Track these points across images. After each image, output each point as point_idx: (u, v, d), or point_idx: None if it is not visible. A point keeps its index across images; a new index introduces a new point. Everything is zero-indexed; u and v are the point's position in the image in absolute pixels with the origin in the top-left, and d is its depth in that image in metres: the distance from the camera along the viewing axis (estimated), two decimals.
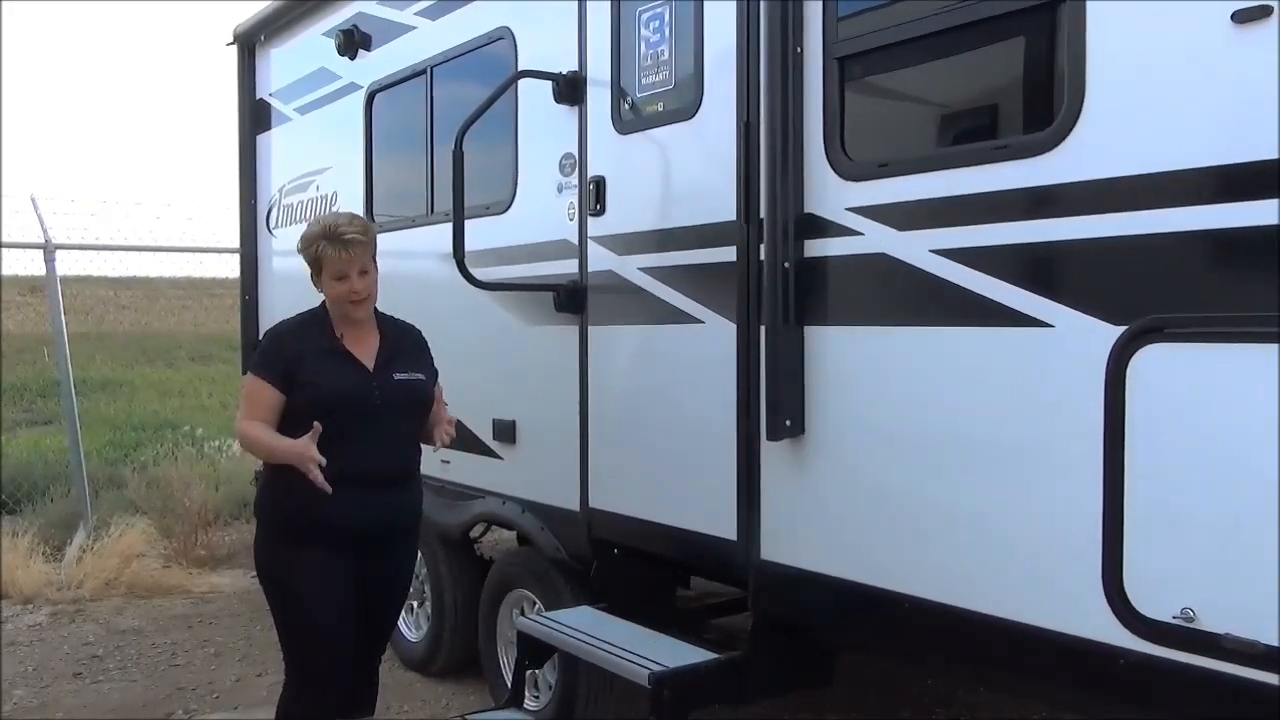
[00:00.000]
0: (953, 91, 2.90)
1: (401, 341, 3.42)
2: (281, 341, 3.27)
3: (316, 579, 3.21)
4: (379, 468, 3.25)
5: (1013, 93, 2.74)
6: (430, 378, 3.44)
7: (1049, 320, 2.50)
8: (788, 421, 3.08)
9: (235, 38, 6.76)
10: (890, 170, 2.86)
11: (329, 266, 3.23)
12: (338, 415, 3.14)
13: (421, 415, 3.39)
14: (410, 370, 3.35)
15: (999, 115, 2.76)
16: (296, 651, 3.31)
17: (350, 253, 3.23)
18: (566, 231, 4.03)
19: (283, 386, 3.18)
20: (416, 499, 3.49)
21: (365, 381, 3.24)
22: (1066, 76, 2.46)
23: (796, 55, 3.06)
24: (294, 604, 3.26)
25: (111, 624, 6.18)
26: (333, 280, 3.24)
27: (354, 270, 3.24)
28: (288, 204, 6.35)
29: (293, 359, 3.20)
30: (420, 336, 3.55)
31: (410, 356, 3.40)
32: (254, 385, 3.22)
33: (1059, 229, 2.48)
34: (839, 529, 3.04)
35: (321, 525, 3.19)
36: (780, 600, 3.28)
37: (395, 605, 3.53)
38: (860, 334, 2.96)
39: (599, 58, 3.85)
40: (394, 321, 3.47)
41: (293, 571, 3.24)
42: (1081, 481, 2.44)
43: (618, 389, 3.86)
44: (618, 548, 3.97)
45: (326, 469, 3.08)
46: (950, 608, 2.74)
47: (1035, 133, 2.54)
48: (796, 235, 3.07)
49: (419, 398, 3.36)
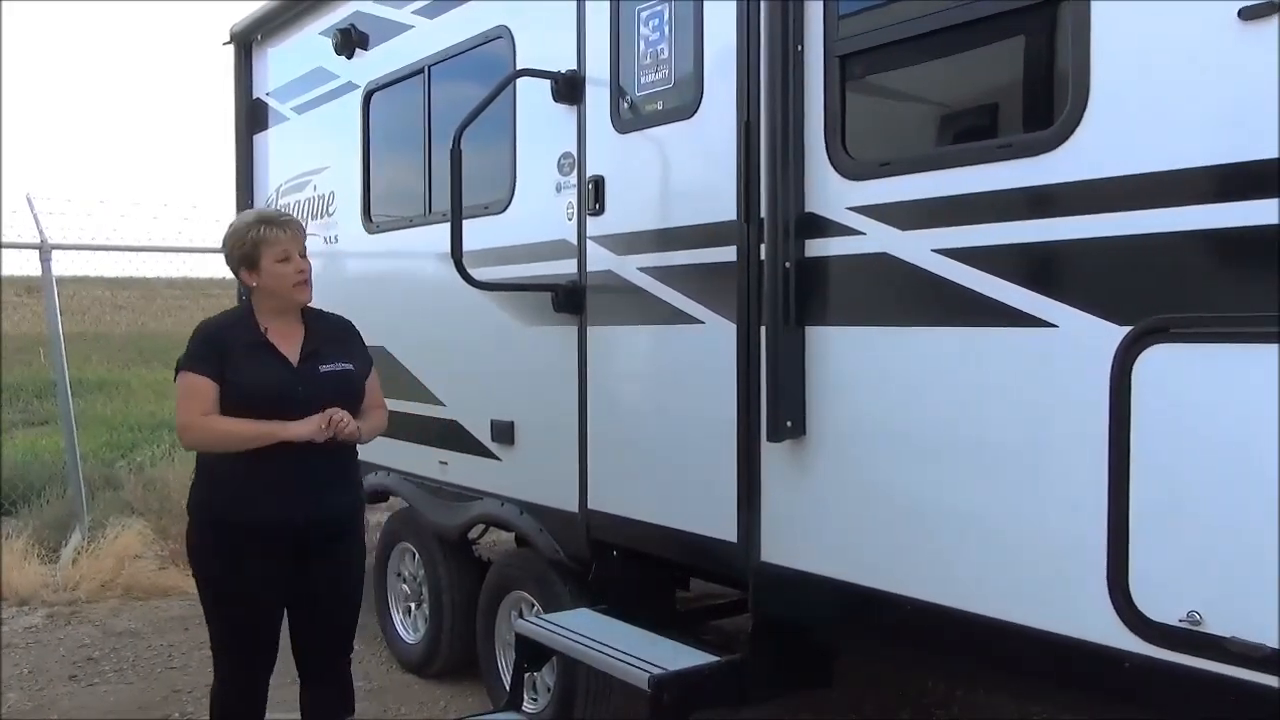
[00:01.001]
0: (955, 90, 2.88)
1: (328, 332, 3.40)
2: (210, 337, 3.26)
3: (244, 578, 3.22)
4: (312, 467, 3.21)
5: (1015, 91, 2.72)
6: (359, 367, 3.41)
7: (1053, 320, 2.48)
8: (789, 423, 3.06)
9: (231, 37, 6.72)
10: (892, 169, 2.84)
11: (271, 249, 3.23)
12: (262, 410, 3.15)
13: (350, 406, 3.32)
14: (337, 361, 3.32)
15: (1002, 114, 2.74)
16: (221, 647, 3.34)
17: (291, 231, 3.27)
18: (565, 231, 4.01)
19: (217, 380, 3.17)
20: (351, 496, 3.44)
21: (289, 375, 3.24)
22: (1070, 74, 2.44)
23: (797, 54, 3.04)
24: (220, 601, 3.29)
25: (108, 626, 6.15)
26: (275, 264, 3.24)
27: (294, 249, 3.26)
28: (285, 204, 6.31)
29: (222, 353, 3.20)
30: (349, 326, 3.51)
31: (338, 346, 3.37)
32: (191, 380, 3.18)
33: (1063, 228, 2.46)
34: (840, 531, 3.02)
35: (249, 523, 3.19)
36: (781, 602, 3.25)
37: (347, 606, 3.46)
38: (862, 334, 2.94)
39: (598, 56, 3.83)
40: (320, 314, 3.45)
41: (220, 569, 3.26)
42: (1086, 483, 2.42)
43: (617, 390, 3.83)
44: (617, 549, 3.95)
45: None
46: (952, 610, 2.71)
47: (1038, 131, 2.51)
48: (797, 235, 3.05)
49: (347, 388, 3.32)
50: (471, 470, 4.62)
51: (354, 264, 5.70)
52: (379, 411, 3.52)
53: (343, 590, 3.43)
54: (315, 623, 3.40)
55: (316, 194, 5.96)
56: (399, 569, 5.43)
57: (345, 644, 3.51)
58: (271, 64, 6.53)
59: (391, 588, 5.47)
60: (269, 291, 3.28)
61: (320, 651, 3.45)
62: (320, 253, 5.86)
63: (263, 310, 3.31)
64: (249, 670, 3.35)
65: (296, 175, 6.18)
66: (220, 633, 3.34)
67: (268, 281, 3.26)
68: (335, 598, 3.41)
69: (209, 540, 3.28)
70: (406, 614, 5.39)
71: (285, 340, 3.29)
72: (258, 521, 3.20)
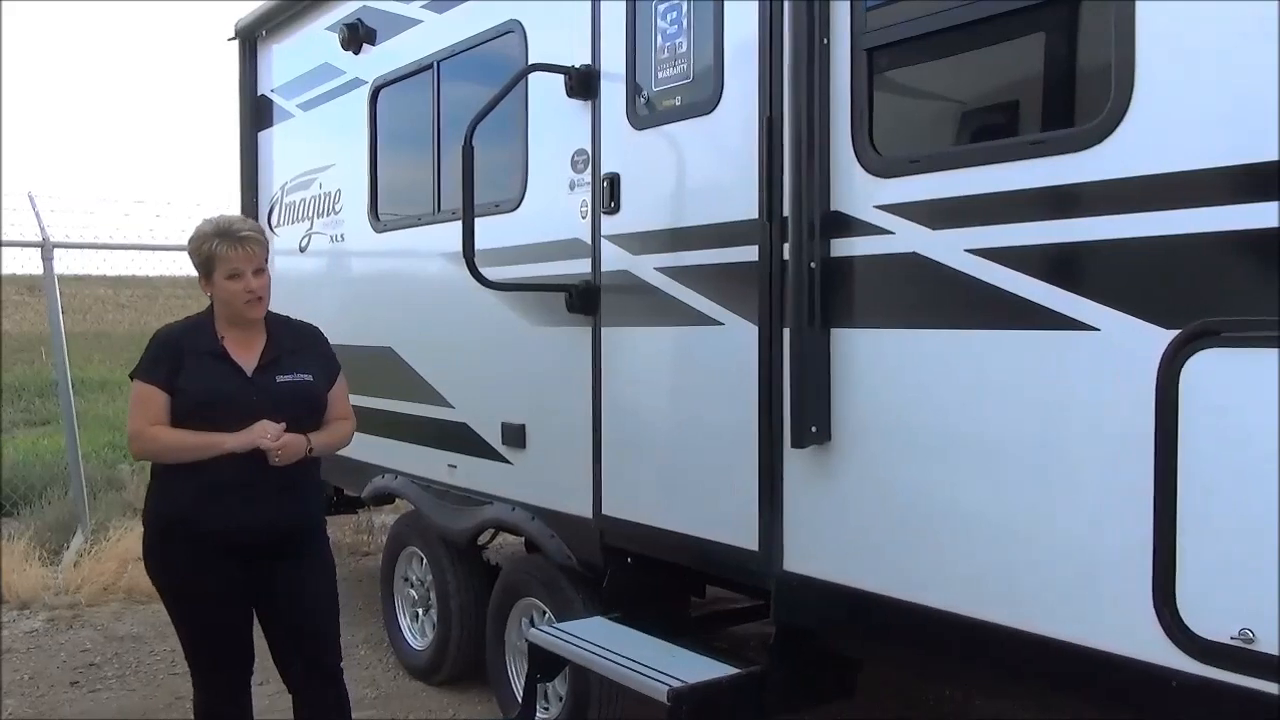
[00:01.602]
0: (989, 84, 2.78)
1: (291, 341, 3.36)
2: (165, 345, 3.24)
3: (202, 582, 3.21)
4: (262, 475, 3.17)
5: (1055, 84, 2.62)
6: (321, 378, 3.37)
7: (1094, 323, 2.38)
8: (813, 428, 2.96)
9: (236, 33, 6.64)
10: (923, 166, 2.74)
11: (222, 265, 3.19)
12: (214, 419, 3.13)
13: (309, 417, 3.31)
14: (296, 371, 3.29)
15: (1040, 109, 2.64)
16: (193, 655, 3.34)
17: (246, 250, 3.21)
18: (579, 230, 3.91)
19: (168, 389, 3.16)
20: (307, 506, 3.39)
21: (242, 384, 3.21)
22: (1114, 66, 2.33)
23: (823, 47, 2.94)
24: (181, 611, 3.29)
25: (110, 630, 6.06)
26: (225, 280, 3.20)
27: (249, 268, 3.20)
28: (290, 202, 6.23)
29: (174, 362, 3.18)
30: (316, 335, 3.48)
31: (299, 357, 3.33)
32: (142, 390, 3.18)
33: (1105, 227, 2.36)
34: (867, 540, 2.92)
35: (201, 531, 3.17)
36: (804, 612, 3.16)
37: (317, 610, 3.40)
38: (889, 337, 2.84)
39: (613, 51, 3.73)
40: (286, 322, 3.42)
41: (177, 579, 3.26)
42: (1130, 493, 2.32)
43: (632, 393, 3.74)
44: (631, 556, 3.85)
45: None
46: (986, 623, 2.62)
47: (1080, 126, 2.41)
48: (822, 234, 2.95)
49: (304, 398, 3.29)
50: (481, 474, 4.53)
51: (360, 263, 5.60)
52: (343, 424, 3.47)
53: (310, 593, 3.38)
54: (288, 631, 3.38)
55: (322, 192, 5.86)
56: (406, 573, 5.34)
57: (324, 650, 3.43)
58: (277, 60, 6.44)
59: (398, 592, 5.38)
60: (221, 303, 3.26)
61: (299, 660, 3.40)
62: (325, 251, 5.80)
63: (221, 317, 3.28)
64: (224, 675, 3.34)
65: (302, 173, 6.09)
66: (188, 641, 3.33)
67: (221, 294, 3.24)
68: (303, 602, 3.36)
69: (164, 549, 3.27)
70: (414, 619, 5.30)
71: (243, 349, 3.26)
72: (209, 529, 3.18)
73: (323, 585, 3.43)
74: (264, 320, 3.33)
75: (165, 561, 3.27)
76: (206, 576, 3.22)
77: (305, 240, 6.01)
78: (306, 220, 6.00)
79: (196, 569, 3.21)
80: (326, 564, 3.47)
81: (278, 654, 3.44)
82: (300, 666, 3.42)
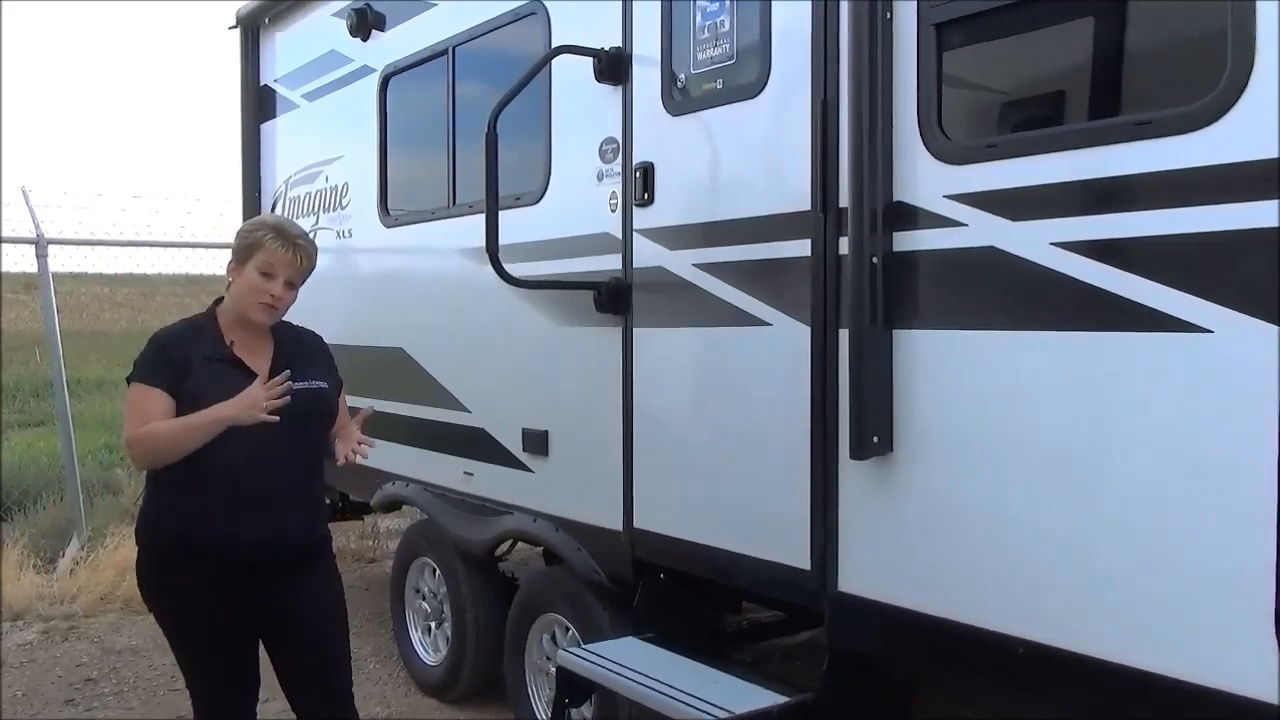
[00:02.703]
0: (1079, 59, 2.52)
1: (298, 347, 3.15)
2: (167, 348, 2.98)
3: (203, 609, 2.99)
4: (271, 486, 2.97)
5: (1159, 57, 2.38)
6: (333, 386, 3.19)
7: (1204, 324, 2.14)
8: (875, 438, 2.72)
9: (238, 20, 6.39)
10: (1001, 151, 2.50)
11: (261, 257, 2.98)
12: (227, 430, 2.87)
13: (321, 427, 3.12)
14: (308, 378, 3.06)
15: (1140, 85, 2.39)
16: (192, 682, 3.11)
17: (292, 254, 3.00)
18: (608, 224, 3.66)
19: (172, 394, 2.91)
20: (315, 520, 3.18)
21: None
22: (1230, 34, 2.09)
23: (886, 22, 2.69)
24: (181, 635, 3.05)
25: (107, 642, 5.82)
26: (257, 272, 2.98)
27: (284, 274, 2.99)
28: (294, 196, 5.98)
29: (180, 365, 2.93)
30: (320, 342, 3.29)
31: (309, 362, 3.12)
32: (141, 394, 2.92)
33: (1218, 217, 2.12)
34: (935, 560, 2.68)
35: (206, 549, 2.94)
36: (861, 636, 2.92)
37: (330, 636, 3.18)
38: (962, 338, 2.60)
39: (646, 31, 3.48)
40: (290, 327, 3.21)
41: (177, 599, 3.01)
42: (1245, 513, 2.09)
43: (667, 397, 3.49)
44: (664, 571, 3.61)
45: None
46: (1077, 656, 2.37)
47: (1190, 105, 2.16)
48: (885, 227, 2.71)
49: (319, 407, 3.10)
50: (500, 482, 4.29)
51: (369, 260, 5.36)
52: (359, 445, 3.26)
53: (319, 612, 3.15)
54: (296, 654, 3.14)
55: (329, 185, 5.62)
56: (418, 585, 5.09)
57: (335, 672, 3.20)
58: (280, 48, 6.19)
59: (410, 604, 5.14)
60: (234, 295, 3.03)
61: (308, 684, 3.17)
62: (332, 248, 5.54)
63: (227, 315, 3.05)
64: (229, 706, 3.11)
65: (307, 166, 5.84)
66: (191, 669, 3.09)
67: (239, 285, 3.02)
68: (312, 623, 3.14)
69: (162, 566, 3.02)
70: (426, 633, 5.06)
71: (251, 354, 3.04)
72: (213, 545, 2.94)
73: (332, 604, 3.21)
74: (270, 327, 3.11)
75: (165, 582, 3.02)
76: (211, 598, 2.97)
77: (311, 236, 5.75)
78: (312, 215, 5.76)
79: (199, 590, 2.97)
80: (334, 580, 3.24)
81: (285, 677, 3.19)
82: (310, 691, 3.18)
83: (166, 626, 3.09)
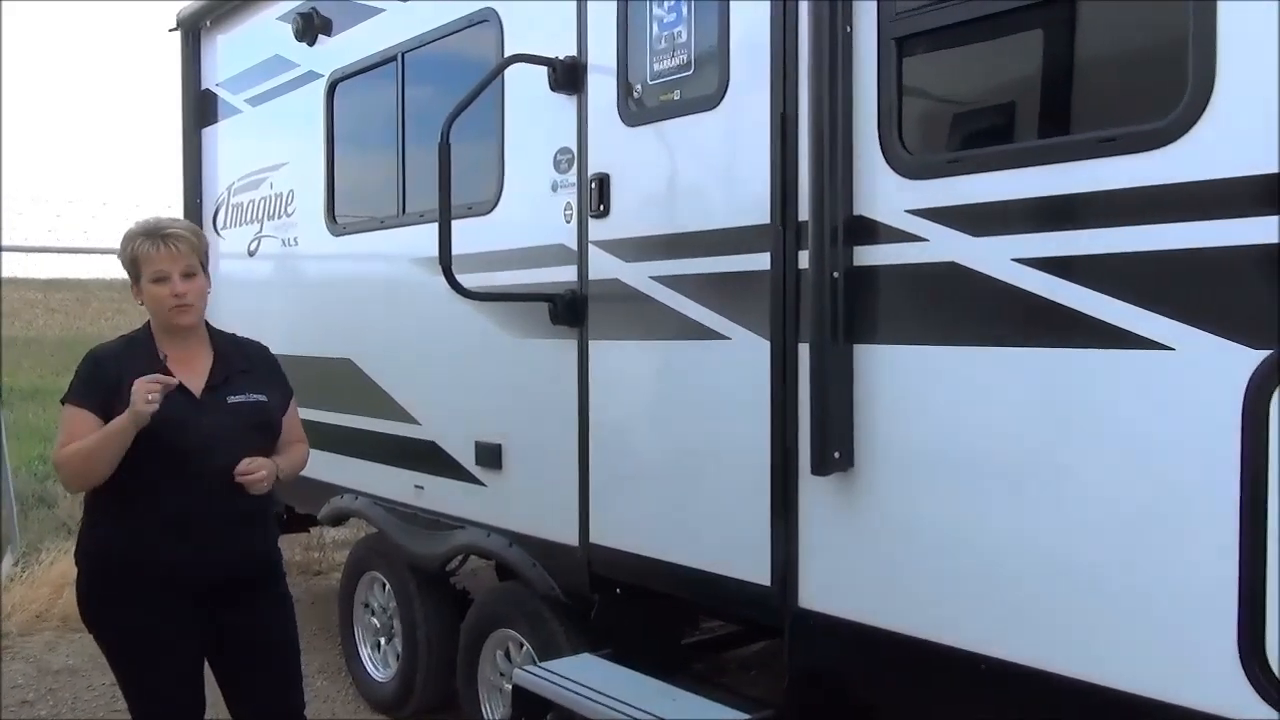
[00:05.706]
0: (1041, 73, 2.52)
1: (239, 359, 3.05)
2: (100, 365, 2.90)
3: (148, 633, 2.88)
4: (212, 506, 2.87)
5: (1121, 73, 2.38)
6: (276, 399, 3.08)
7: (1167, 342, 2.14)
8: (836, 453, 2.70)
9: (179, 23, 6.24)
10: (963, 166, 2.49)
11: (147, 266, 2.88)
12: (161, 445, 2.78)
13: (263, 442, 3.00)
14: (248, 391, 2.98)
15: (1104, 100, 2.39)
16: (134, 705, 2.99)
17: (171, 249, 2.88)
18: (563, 235, 3.61)
19: (103, 415, 2.81)
20: (264, 541, 3.10)
21: (190, 405, 2.87)
22: (1190, 51, 2.09)
23: (846, 35, 2.67)
24: (124, 658, 2.94)
25: (43, 663, 5.63)
26: (151, 283, 2.89)
27: (176, 270, 2.88)
28: (237, 203, 5.85)
29: (113, 384, 2.82)
30: (265, 353, 3.18)
31: (250, 375, 3.03)
32: (72, 414, 2.85)
33: (1180, 235, 2.12)
34: (897, 576, 2.66)
35: (147, 566, 2.85)
36: (823, 655, 2.89)
37: (283, 659, 3.12)
38: (923, 354, 2.59)
39: (602, 40, 3.44)
40: (231, 338, 3.12)
41: (121, 626, 2.91)
42: (1210, 532, 2.09)
43: (625, 411, 3.45)
44: (621, 587, 3.57)
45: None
46: (1039, 672, 2.37)
47: (1153, 122, 2.16)
48: (845, 241, 2.69)
49: (259, 421, 3.00)
50: (451, 496, 4.21)
51: (316, 268, 5.25)
52: (299, 446, 3.20)
53: (271, 635, 3.08)
54: (247, 678, 3.07)
55: (273, 192, 5.49)
56: (367, 599, 4.99)
57: (288, 695, 3.13)
58: (222, 52, 6.05)
59: (359, 620, 5.04)
60: (150, 313, 2.95)
61: (260, 708, 3.10)
62: (276, 255, 5.44)
63: (158, 330, 2.96)
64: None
65: (251, 172, 5.71)
66: (136, 699, 2.96)
67: (148, 302, 2.93)
68: (265, 647, 3.06)
69: (105, 588, 2.92)
70: (375, 649, 4.96)
71: (188, 368, 2.92)
72: (161, 570, 2.86)
73: (284, 626, 3.13)
74: (210, 338, 3.02)
75: (107, 609, 2.92)
76: (158, 624, 2.87)
77: (254, 244, 5.64)
78: (256, 222, 5.63)
79: (144, 614, 2.87)
80: (285, 601, 3.16)
81: (235, 698, 3.11)
82: (262, 711, 3.10)
83: (108, 649, 2.98)
